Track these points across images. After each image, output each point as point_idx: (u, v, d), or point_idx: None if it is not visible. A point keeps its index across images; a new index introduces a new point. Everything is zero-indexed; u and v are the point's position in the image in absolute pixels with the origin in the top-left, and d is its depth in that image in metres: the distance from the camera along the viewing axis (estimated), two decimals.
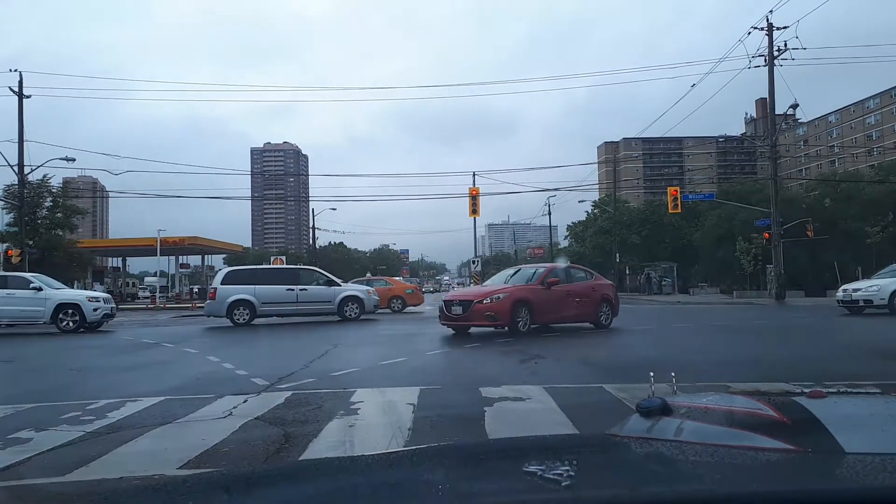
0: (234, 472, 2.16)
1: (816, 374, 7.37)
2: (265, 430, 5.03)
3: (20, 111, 30.23)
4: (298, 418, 5.46)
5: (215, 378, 8.22)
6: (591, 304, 14.50)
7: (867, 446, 1.21)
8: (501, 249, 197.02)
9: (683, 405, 1.57)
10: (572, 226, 74.40)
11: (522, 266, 17.73)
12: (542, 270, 14.52)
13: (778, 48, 30.36)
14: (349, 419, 5.42)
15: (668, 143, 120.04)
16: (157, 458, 4.30)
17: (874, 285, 18.63)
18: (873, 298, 18.17)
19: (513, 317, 12.99)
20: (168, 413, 5.79)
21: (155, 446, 4.58)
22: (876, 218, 41.87)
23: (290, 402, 6.24)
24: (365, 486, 1.17)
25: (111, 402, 6.40)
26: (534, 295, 13.45)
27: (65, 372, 9.83)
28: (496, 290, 13.65)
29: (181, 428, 5.18)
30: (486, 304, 13.17)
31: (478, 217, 35.10)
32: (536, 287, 13.72)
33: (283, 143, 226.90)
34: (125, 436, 4.89)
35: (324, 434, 4.84)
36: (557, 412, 5.49)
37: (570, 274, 15.02)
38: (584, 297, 14.40)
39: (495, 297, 13.25)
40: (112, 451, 4.46)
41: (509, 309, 12.98)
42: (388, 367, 8.82)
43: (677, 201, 34.92)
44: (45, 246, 36.76)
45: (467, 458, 1.39)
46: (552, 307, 13.66)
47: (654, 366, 6.19)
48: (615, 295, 15.46)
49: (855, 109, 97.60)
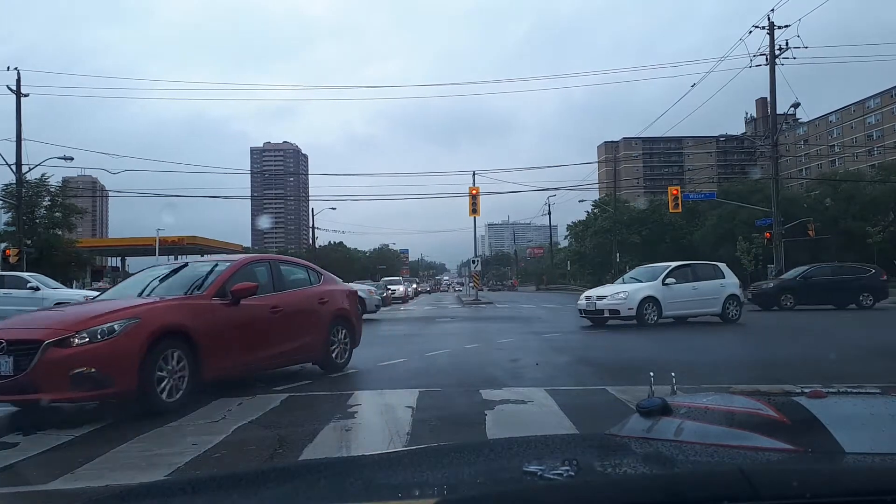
0: (230, 473, 2.09)
1: (820, 374, 7.24)
2: (259, 434, 4.89)
3: (18, 110, 30.12)
4: (294, 422, 5.32)
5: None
6: (313, 330, 8.06)
7: (867, 446, 1.21)
8: (501, 249, 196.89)
9: (683, 405, 1.56)
10: (572, 225, 74.36)
11: (166, 263, 10.56)
12: (223, 268, 7.33)
13: (780, 47, 30.21)
14: (346, 423, 5.29)
15: (668, 143, 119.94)
16: (146, 463, 4.16)
17: (621, 292, 15.72)
18: (620, 308, 15.10)
19: (124, 378, 5.55)
20: (160, 417, 5.63)
21: (144, 451, 4.43)
22: (877, 218, 41.82)
23: (286, 406, 6.10)
24: (365, 486, 1.16)
25: (103, 406, 6.25)
26: (198, 320, 6.37)
27: None
28: (93, 313, 5.88)
29: (173, 432, 5.03)
30: None
31: (478, 216, 35.01)
32: (204, 303, 6.62)
33: (282, 142, 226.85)
34: (114, 442, 4.74)
35: (319, 438, 4.70)
36: (560, 415, 5.36)
37: (276, 275, 8.00)
38: (301, 318, 7.92)
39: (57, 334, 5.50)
40: (100, 456, 4.31)
41: (115, 363, 5.53)
42: (386, 369, 8.69)
43: (678, 201, 34.78)
44: (43, 245, 36.65)
45: (467, 458, 1.38)
46: (242, 342, 6.96)
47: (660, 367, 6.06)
48: (355, 310, 9.25)
49: (855, 109, 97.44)
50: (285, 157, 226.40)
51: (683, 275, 16.10)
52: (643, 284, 15.88)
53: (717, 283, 16.22)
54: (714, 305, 15.94)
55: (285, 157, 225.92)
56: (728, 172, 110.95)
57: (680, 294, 15.61)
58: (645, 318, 15.01)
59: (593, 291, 17.25)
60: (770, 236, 32.16)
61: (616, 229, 56.78)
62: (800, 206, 42.16)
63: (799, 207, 41.17)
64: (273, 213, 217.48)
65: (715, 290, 16.05)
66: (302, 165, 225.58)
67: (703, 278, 16.26)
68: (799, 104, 31.39)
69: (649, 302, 15.21)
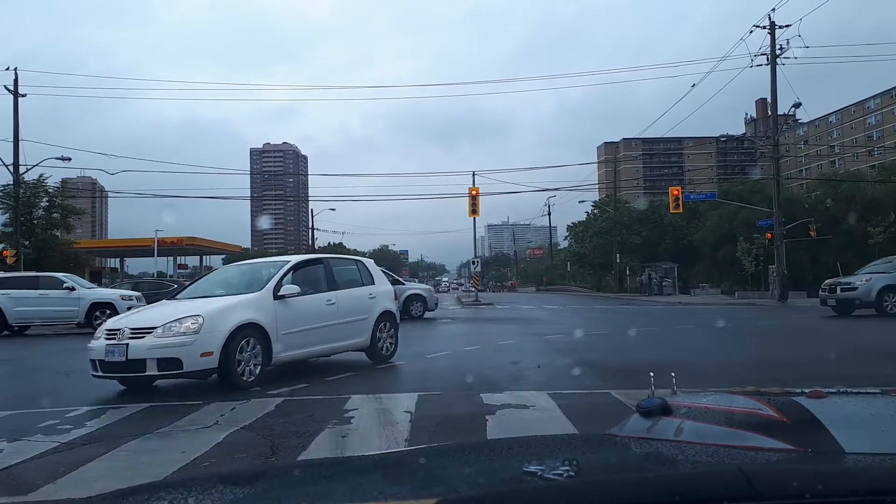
0: (228, 472, 2.06)
1: (833, 375, 7.07)
2: (251, 442, 4.72)
3: (15, 110, 29.95)
4: (288, 428, 5.14)
5: (203, 383, 7.88)
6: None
7: (867, 446, 1.20)
8: (501, 250, 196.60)
9: (683, 405, 1.55)
10: (572, 226, 74.04)
11: None
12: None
13: (780, 46, 30.08)
14: (342, 429, 5.11)
15: (667, 144, 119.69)
16: (132, 473, 3.98)
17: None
18: None
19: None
20: (151, 422, 5.48)
21: (130, 460, 4.26)
22: (878, 218, 41.63)
23: (281, 410, 5.93)
24: (365, 486, 1.15)
25: (92, 410, 6.10)
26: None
27: (53, 376, 9.51)
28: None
29: (161, 439, 4.86)
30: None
31: (477, 217, 34.76)
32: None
33: (282, 143, 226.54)
34: (100, 448, 4.57)
35: (313, 447, 4.53)
36: (564, 420, 5.19)
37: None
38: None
39: None
40: (84, 465, 4.14)
41: None
42: (384, 371, 8.51)
43: (679, 201, 34.59)
44: (40, 246, 36.36)
45: (467, 458, 1.37)
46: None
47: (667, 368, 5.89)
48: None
49: (855, 110, 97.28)
50: (285, 157, 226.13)
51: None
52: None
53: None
54: None
55: (285, 158, 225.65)
56: (728, 173, 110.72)
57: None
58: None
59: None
60: (771, 237, 32.00)
61: (616, 230, 56.54)
62: (801, 207, 41.93)
63: (799, 208, 40.92)
64: (272, 213, 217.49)
65: None
66: (301, 166, 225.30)
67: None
68: (800, 104, 31.25)
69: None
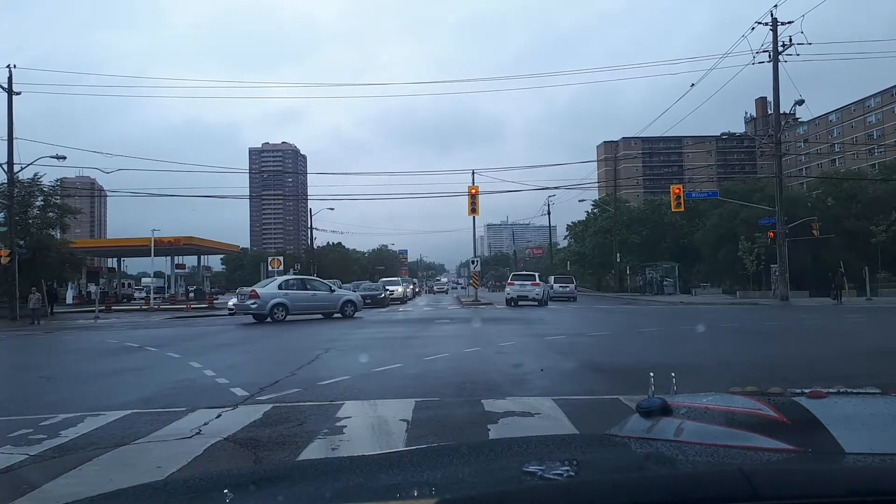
0: (226, 473, 2.02)
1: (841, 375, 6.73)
2: (233, 455, 4.36)
3: (9, 108, 29.58)
4: (275, 439, 4.78)
5: (192, 387, 7.54)
6: None
7: (867, 446, 1.20)
8: (501, 250, 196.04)
9: (683, 405, 1.54)
10: (572, 226, 73.66)
11: None
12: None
13: (783, 43, 29.72)
14: (332, 440, 4.75)
15: (667, 143, 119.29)
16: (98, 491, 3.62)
17: None
18: None
19: None
20: (129, 431, 5.11)
21: (100, 476, 3.88)
22: (879, 217, 41.28)
23: (269, 418, 5.57)
24: (365, 486, 1.15)
25: (69, 418, 5.73)
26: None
27: (33, 379, 9.16)
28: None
29: (137, 451, 4.49)
30: None
31: (477, 216, 34.42)
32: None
33: (281, 143, 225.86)
34: (70, 461, 4.21)
35: (301, 460, 4.16)
36: (571, 430, 4.83)
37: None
38: None
39: None
40: (50, 481, 3.78)
41: None
42: (381, 376, 8.13)
43: (680, 199, 34.22)
44: (36, 246, 35.95)
45: (467, 458, 1.35)
46: None
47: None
48: None
49: (856, 108, 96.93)
50: (284, 157, 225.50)
51: None
52: None
53: None
54: None
55: (284, 158, 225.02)
56: (728, 172, 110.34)
57: None
58: None
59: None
60: (773, 236, 31.66)
61: (616, 229, 56.19)
62: (802, 206, 41.50)
63: (800, 207, 40.50)
64: (272, 213, 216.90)
65: None
66: (300, 166, 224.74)
67: None
68: (803, 101, 30.98)
69: None
